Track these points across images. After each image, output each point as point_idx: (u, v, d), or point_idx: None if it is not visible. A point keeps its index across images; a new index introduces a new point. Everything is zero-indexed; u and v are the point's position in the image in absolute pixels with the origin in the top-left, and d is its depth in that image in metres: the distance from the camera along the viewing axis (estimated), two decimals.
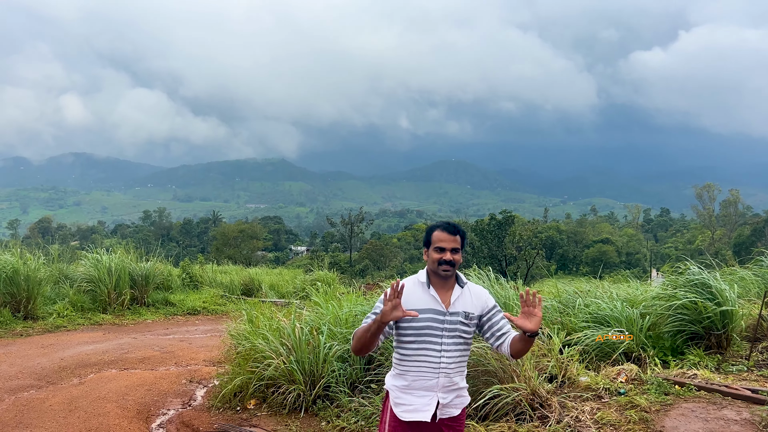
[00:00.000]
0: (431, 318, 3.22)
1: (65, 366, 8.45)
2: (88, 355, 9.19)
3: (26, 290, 11.86)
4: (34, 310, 12.00)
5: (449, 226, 3.32)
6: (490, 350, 5.40)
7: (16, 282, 11.74)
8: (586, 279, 10.90)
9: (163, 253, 16.68)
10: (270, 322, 7.32)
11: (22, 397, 7.02)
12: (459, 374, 3.30)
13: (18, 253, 12.59)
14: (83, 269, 13.76)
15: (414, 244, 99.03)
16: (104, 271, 13.25)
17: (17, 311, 11.78)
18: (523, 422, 5.05)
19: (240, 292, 18.16)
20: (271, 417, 6.16)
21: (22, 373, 8.03)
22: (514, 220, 58.94)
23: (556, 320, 7.30)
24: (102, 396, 6.98)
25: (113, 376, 8.00)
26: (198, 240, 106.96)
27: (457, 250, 3.26)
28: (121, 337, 10.96)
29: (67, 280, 13.83)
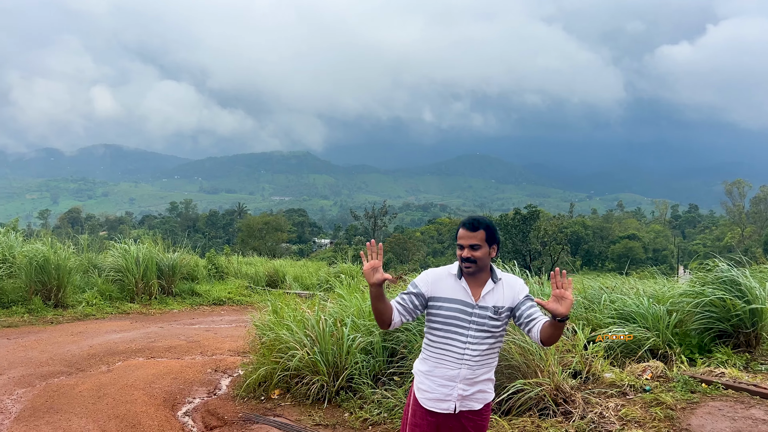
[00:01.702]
0: (459, 309, 3.24)
1: (94, 353, 8.62)
2: (116, 343, 9.36)
3: (57, 279, 12.11)
4: (64, 299, 12.25)
5: (470, 223, 3.29)
6: (514, 345, 5.39)
7: (47, 270, 12.00)
8: (611, 275, 10.79)
9: (190, 244, 16.90)
10: (294, 314, 7.38)
11: (52, 383, 7.19)
12: (484, 367, 3.28)
13: (49, 242, 12.86)
14: (112, 259, 14.01)
15: (437, 238, 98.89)
16: (132, 261, 13.48)
17: (48, 299, 12.04)
18: (546, 417, 5.03)
19: (265, 283, 18.33)
20: (295, 407, 6.23)
21: (52, 359, 8.21)
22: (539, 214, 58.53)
23: (581, 316, 7.24)
24: (129, 383, 7.11)
25: (140, 364, 8.14)
26: (223, 231, 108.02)
27: (478, 247, 3.22)
28: (148, 326, 11.15)
29: (96, 270, 14.10)
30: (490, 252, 3.28)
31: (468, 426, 3.28)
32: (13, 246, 13.13)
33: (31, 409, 6.22)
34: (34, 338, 9.59)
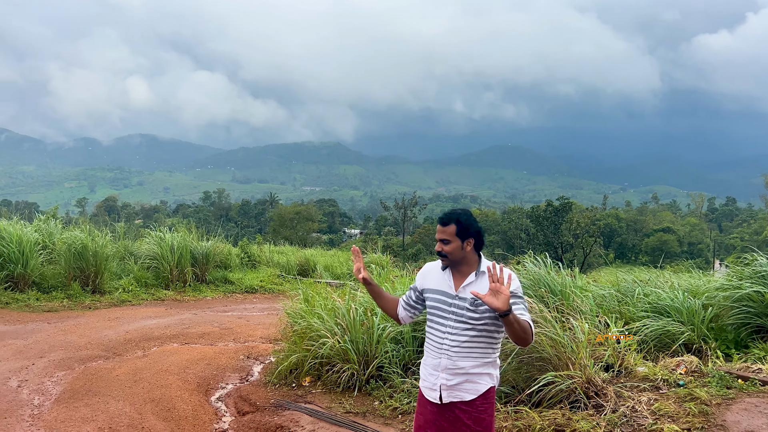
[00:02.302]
0: (440, 299, 3.31)
1: (130, 339, 8.83)
2: (152, 329, 9.57)
3: (94, 265, 12.41)
4: (102, 285, 12.55)
5: (441, 218, 3.34)
6: (545, 337, 5.36)
7: (85, 257, 12.31)
8: (645, 268, 10.63)
9: (223, 233, 17.13)
10: (325, 302, 7.45)
11: (91, 366, 7.39)
12: (469, 360, 3.24)
13: (87, 229, 13.17)
14: (147, 247, 14.30)
15: None
16: (167, 248, 13.75)
17: (86, 285, 12.36)
18: (577, 410, 5.00)
19: (296, 272, 18.51)
20: (326, 394, 6.30)
21: (90, 344, 8.44)
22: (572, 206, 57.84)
23: (615, 309, 7.16)
24: (164, 368, 7.26)
25: (175, 350, 8.31)
26: (255, 221, 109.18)
27: (447, 241, 3.26)
28: (182, 312, 11.36)
29: (132, 257, 14.41)
30: (464, 246, 3.27)
31: (463, 417, 3.26)
32: (53, 233, 13.49)
33: (71, 391, 6.41)
34: (73, 323, 9.86)
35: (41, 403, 6.08)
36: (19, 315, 10.33)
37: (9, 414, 5.71)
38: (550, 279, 7.00)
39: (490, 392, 3.32)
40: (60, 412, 5.80)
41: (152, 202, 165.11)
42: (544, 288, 6.69)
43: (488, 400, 3.31)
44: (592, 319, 6.29)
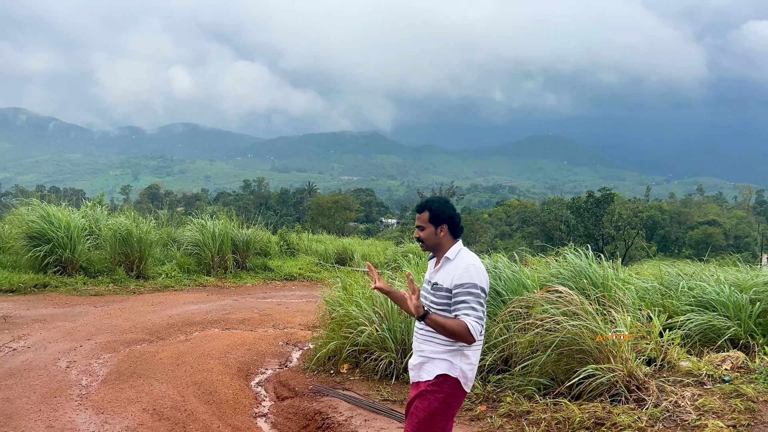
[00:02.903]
0: (424, 286, 3.54)
1: (173, 323, 9.03)
2: (193, 314, 9.77)
3: (138, 251, 12.72)
4: (145, 270, 12.87)
5: (418, 205, 3.49)
6: (586, 329, 5.29)
7: (130, 243, 12.62)
8: (689, 262, 10.38)
9: (262, 221, 17.35)
10: (363, 291, 7.49)
11: (135, 349, 7.59)
12: (428, 344, 3.36)
13: (131, 216, 13.50)
14: (189, 234, 14.58)
15: (505, 221, 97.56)
16: (209, 236, 14.00)
17: (130, 270, 12.68)
18: (618, 403, 4.93)
19: (334, 260, 18.64)
20: (364, 382, 6.35)
21: (135, 327, 8.66)
22: (614, 198, 56.73)
23: (657, 302, 7.02)
24: (206, 353, 7.42)
25: (216, 335, 8.48)
26: (294, 209, 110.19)
27: (422, 228, 3.42)
28: (223, 298, 11.57)
29: (174, 244, 14.72)
30: (437, 232, 3.38)
31: (414, 393, 3.45)
32: (99, 219, 13.87)
33: (116, 373, 6.60)
34: (118, 307, 10.13)
35: (88, 383, 6.28)
36: (67, 298, 10.67)
37: (59, 393, 5.92)
38: (591, 271, 6.89)
39: (447, 380, 3.32)
40: (106, 393, 5.98)
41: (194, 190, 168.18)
42: (586, 280, 6.60)
43: (440, 385, 3.32)
44: (634, 312, 6.18)
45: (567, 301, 5.63)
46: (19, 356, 7.03)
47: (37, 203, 12.88)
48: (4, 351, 7.20)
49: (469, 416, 5.23)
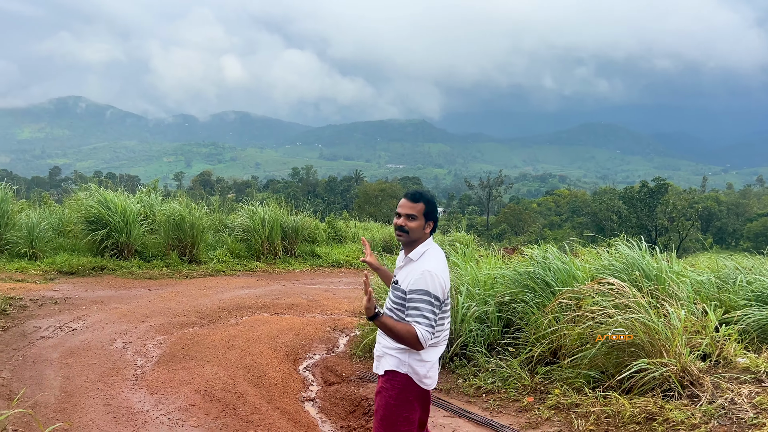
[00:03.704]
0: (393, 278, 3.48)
1: (224, 307, 9.24)
2: (244, 298, 9.97)
3: (191, 236, 13.04)
4: (198, 255, 13.18)
5: (412, 194, 3.36)
6: (638, 322, 5.17)
7: (183, 228, 12.94)
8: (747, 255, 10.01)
9: (310, 209, 17.53)
10: None
11: (187, 332, 7.80)
12: (384, 337, 3.38)
13: (184, 202, 13.83)
14: (240, 220, 14.86)
15: (555, 210, 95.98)
16: (259, 222, 14.24)
17: (183, 255, 13.01)
18: (670, 399, 4.80)
19: (380, 248, 18.70)
20: None
21: (187, 310, 8.90)
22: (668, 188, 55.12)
23: (713, 296, 6.80)
24: (255, 337, 7.57)
25: (265, 319, 8.63)
26: (341, 197, 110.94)
27: (414, 218, 3.29)
28: (272, 284, 11.76)
29: (225, 229, 15.03)
30: (425, 227, 3.33)
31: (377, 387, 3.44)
32: (154, 205, 14.26)
33: (170, 355, 6.80)
34: (171, 290, 10.42)
35: (143, 364, 6.49)
36: (123, 281, 11.03)
37: (115, 373, 6.14)
38: (644, 263, 6.72)
39: (396, 376, 3.30)
40: (160, 374, 6.17)
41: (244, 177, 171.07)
42: (638, 272, 6.44)
43: (391, 382, 3.31)
44: (688, 306, 6.00)
45: (619, 293, 5.51)
46: (78, 336, 7.31)
47: (95, 189, 13.32)
48: (65, 331, 7.50)
49: (516, 407, 5.19)
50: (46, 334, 7.28)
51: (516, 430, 4.77)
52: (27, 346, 6.78)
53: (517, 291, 6.60)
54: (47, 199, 19.47)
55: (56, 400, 5.35)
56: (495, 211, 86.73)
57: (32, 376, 5.89)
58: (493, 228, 69.53)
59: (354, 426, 5.27)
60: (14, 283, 9.96)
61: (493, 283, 7.18)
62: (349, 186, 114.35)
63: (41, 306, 8.58)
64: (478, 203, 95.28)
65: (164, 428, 4.94)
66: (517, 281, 6.78)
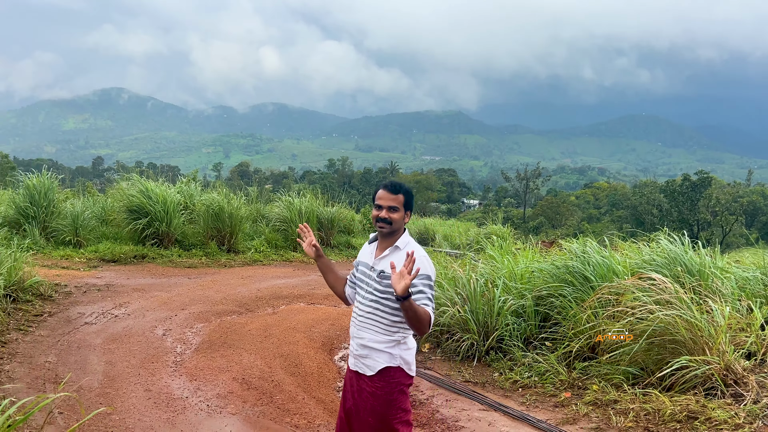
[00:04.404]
0: (363, 270, 3.42)
1: (261, 296, 9.35)
2: (280, 288, 10.08)
3: (230, 226, 13.22)
4: (236, 245, 13.36)
5: (391, 186, 3.37)
6: (680, 319, 5.05)
7: (222, 218, 13.13)
8: None
9: (346, 200, 17.61)
10: (445, 272, 7.47)
11: (226, 320, 7.92)
12: (368, 331, 3.31)
13: (223, 193, 14.02)
14: (277, 210, 15.01)
15: (593, 203, 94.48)
16: (295, 213, 14.37)
17: (222, 244, 13.21)
18: (713, 398, 4.69)
19: (415, 240, 18.69)
20: (445, 362, 6.36)
21: (225, 299, 9.03)
22: (711, 181, 53.73)
23: (759, 293, 6.60)
24: (292, 326, 7.64)
25: (301, 309, 8.71)
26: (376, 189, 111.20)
27: (396, 209, 3.31)
28: (309, 274, 11.85)
29: (263, 219, 15.21)
30: (405, 217, 3.37)
31: (365, 388, 3.32)
32: (194, 195, 14.50)
33: (208, 342, 6.92)
34: (210, 279, 10.59)
35: (183, 351, 6.62)
36: (163, 269, 11.25)
37: (156, 359, 6.27)
38: (687, 258, 6.55)
39: (390, 372, 3.29)
40: (199, 361, 6.29)
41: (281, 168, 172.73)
42: (681, 267, 6.29)
43: (386, 379, 3.29)
44: (733, 303, 5.84)
45: (660, 289, 5.40)
46: (120, 323, 7.50)
47: (136, 179, 13.60)
48: (107, 317, 7.69)
49: (553, 402, 5.14)
50: (90, 320, 7.48)
51: (553, 425, 4.72)
52: (71, 332, 6.98)
53: (555, 285, 6.52)
54: (91, 188, 20.00)
55: (99, 384, 5.50)
56: (532, 203, 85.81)
57: (76, 360, 6.06)
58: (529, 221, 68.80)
59: None
60: (60, 270, 10.25)
61: (531, 277, 7.11)
62: (385, 177, 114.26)
63: (85, 293, 8.82)
64: (515, 196, 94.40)
65: (203, 415, 5.04)
66: (555, 275, 6.70)
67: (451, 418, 4.95)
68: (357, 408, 3.36)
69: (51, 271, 9.93)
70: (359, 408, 3.35)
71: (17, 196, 12.87)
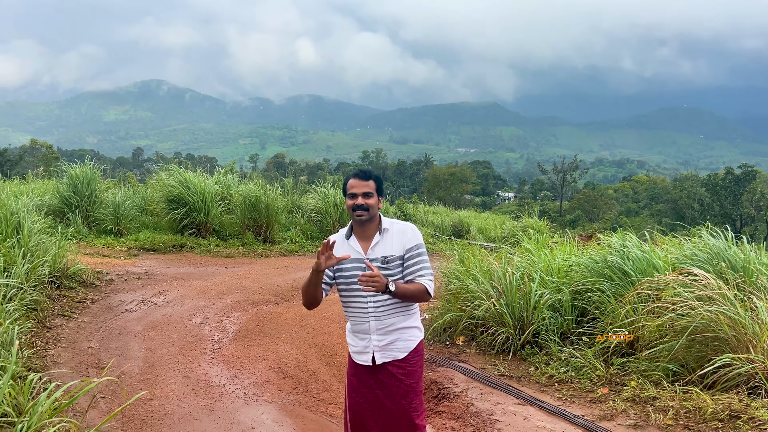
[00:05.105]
0: (354, 266, 3.37)
1: (296, 286, 9.44)
2: None
3: (266, 217, 13.38)
4: (272, 235, 13.51)
5: (360, 173, 3.45)
6: (723, 315, 4.93)
7: (258, 209, 13.29)
8: None
9: None
10: (481, 264, 7.42)
11: (262, 309, 8.03)
12: (396, 317, 3.39)
13: (259, 184, 14.18)
14: (312, 202, 15.12)
15: (632, 197, 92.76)
16: (330, 204, 14.47)
17: (258, 235, 13.37)
18: (757, 397, 4.57)
19: (450, 232, 18.63)
20: (480, 355, 6.32)
21: (262, 289, 9.15)
22: (756, 175, 52.18)
23: None
24: (326, 317, 7.70)
25: (336, 300, 8.72)
26: (410, 181, 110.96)
27: (370, 194, 3.36)
28: None
29: (298, 211, 15.35)
30: (379, 203, 3.42)
31: (396, 373, 3.39)
32: (231, 186, 14.69)
33: (245, 331, 7.02)
34: (247, 269, 10.74)
35: (220, 339, 6.73)
36: (201, 259, 11.45)
37: (194, 347, 6.39)
38: (731, 253, 6.38)
39: (420, 345, 3.50)
40: (236, 349, 6.39)
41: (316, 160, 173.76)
42: (724, 263, 6.12)
43: (419, 353, 3.48)
44: None
45: (702, 284, 5.27)
46: (159, 310, 7.66)
47: (176, 169, 13.84)
48: (147, 305, 7.86)
49: (590, 398, 5.07)
50: (130, 308, 7.66)
51: (590, 421, 4.66)
52: (113, 318, 7.16)
53: (594, 280, 6.42)
54: (131, 178, 20.45)
55: (140, 370, 5.63)
56: (569, 196, 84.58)
57: (118, 347, 6.22)
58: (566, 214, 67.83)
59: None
60: (101, 258, 10.51)
61: (568, 271, 7.02)
62: (419, 170, 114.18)
63: (126, 281, 9.03)
64: (551, 188, 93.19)
65: (240, 402, 5.12)
66: (593, 269, 6.59)
67: (486, 412, 4.93)
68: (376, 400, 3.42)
69: (93, 259, 10.19)
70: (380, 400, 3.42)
71: (61, 186, 13.24)
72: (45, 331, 6.22)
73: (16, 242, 7.15)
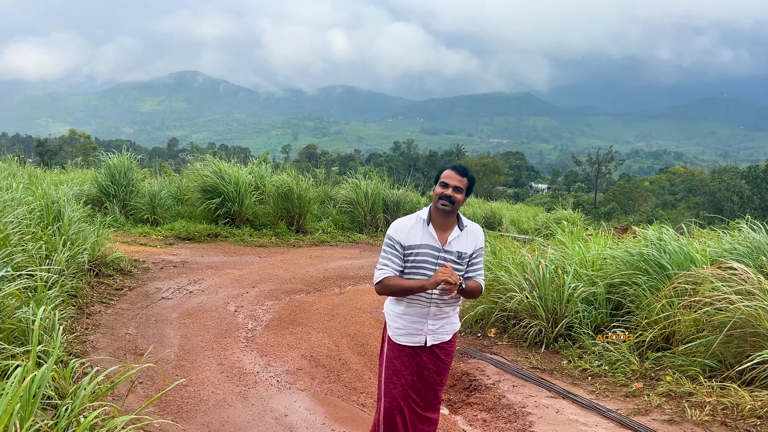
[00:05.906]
0: (427, 253, 3.47)
1: (328, 276, 9.51)
2: (347, 269, 10.21)
3: (299, 207, 13.47)
4: (304, 225, 13.61)
5: (459, 167, 3.52)
6: (763, 310, 4.81)
7: (291, 199, 13.39)
8: None
9: (411, 183, 17.58)
10: (513, 256, 7.37)
11: (294, 299, 8.11)
12: (452, 305, 3.61)
13: (292, 174, 14.28)
14: (344, 192, 15.18)
15: (669, 189, 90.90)
16: (362, 195, 14.50)
17: (291, 225, 13.48)
18: None
19: (481, 224, 18.49)
20: (512, 348, 6.29)
21: (294, 278, 9.23)
22: None
23: None
24: (358, 306, 7.74)
25: (367, 290, 8.80)
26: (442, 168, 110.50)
27: (461, 190, 3.45)
28: (374, 256, 11.94)
29: (330, 201, 15.42)
30: (463, 201, 3.51)
31: (440, 354, 3.62)
32: (264, 176, 14.82)
33: (278, 320, 7.10)
34: (280, 258, 10.84)
35: (254, 327, 6.82)
36: (235, 248, 11.59)
37: (228, 335, 6.49)
38: None
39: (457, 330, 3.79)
40: (269, 338, 6.47)
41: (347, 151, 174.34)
42: (765, 257, 5.97)
43: (455, 336, 3.76)
44: None
45: (742, 279, 5.15)
46: (194, 298, 7.79)
47: (210, 159, 14.01)
48: (183, 293, 8.01)
49: (624, 392, 5.01)
50: (166, 296, 7.81)
51: (624, 415, 4.61)
52: (149, 306, 7.31)
53: (629, 273, 6.33)
54: (167, 168, 20.78)
55: (176, 357, 5.75)
56: (603, 188, 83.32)
57: (154, 333, 6.35)
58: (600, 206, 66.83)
59: (454, 400, 5.29)
60: (138, 246, 10.72)
61: (603, 264, 6.93)
62: (450, 160, 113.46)
63: (162, 269, 9.20)
64: (586, 180, 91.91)
65: (273, 390, 5.19)
66: (629, 263, 6.49)
67: (517, 404, 4.91)
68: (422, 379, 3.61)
69: (130, 247, 10.40)
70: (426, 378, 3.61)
71: (99, 175, 13.51)
72: (84, 318, 6.38)
73: (57, 230, 7.34)
